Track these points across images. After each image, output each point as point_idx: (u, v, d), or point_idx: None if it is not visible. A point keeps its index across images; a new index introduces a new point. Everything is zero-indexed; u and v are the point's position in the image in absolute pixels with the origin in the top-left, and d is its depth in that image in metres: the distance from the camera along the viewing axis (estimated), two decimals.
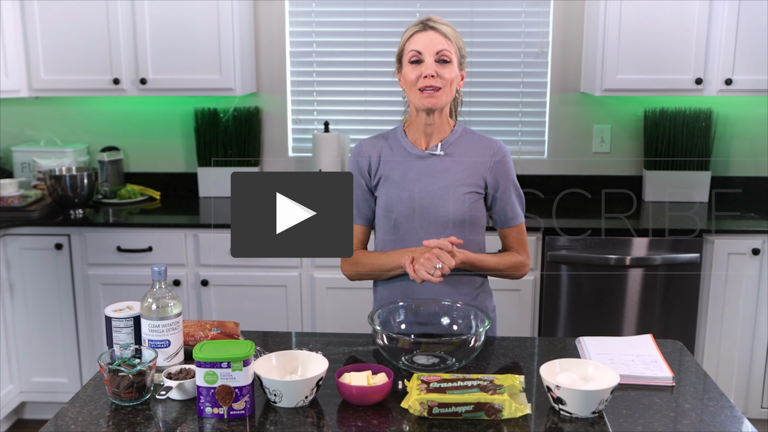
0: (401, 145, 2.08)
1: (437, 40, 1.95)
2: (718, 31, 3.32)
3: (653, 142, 3.67)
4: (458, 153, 2.06)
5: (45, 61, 3.48)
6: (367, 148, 2.11)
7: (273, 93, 3.83)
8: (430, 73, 1.94)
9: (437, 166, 2.05)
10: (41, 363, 3.44)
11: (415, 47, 1.96)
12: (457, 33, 2.01)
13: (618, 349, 1.91)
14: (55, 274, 3.35)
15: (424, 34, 1.96)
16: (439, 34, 1.95)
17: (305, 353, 1.74)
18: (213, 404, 1.56)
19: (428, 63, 1.95)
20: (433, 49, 1.95)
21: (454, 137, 2.07)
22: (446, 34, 1.96)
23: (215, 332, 1.89)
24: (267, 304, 3.33)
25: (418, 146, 2.07)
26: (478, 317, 1.91)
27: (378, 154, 2.09)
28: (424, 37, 1.96)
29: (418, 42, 1.96)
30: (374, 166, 2.09)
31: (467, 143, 2.07)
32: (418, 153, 2.06)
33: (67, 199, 3.44)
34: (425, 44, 1.95)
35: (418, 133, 2.07)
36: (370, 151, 2.10)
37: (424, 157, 2.06)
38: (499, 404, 1.54)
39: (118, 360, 1.67)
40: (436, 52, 1.95)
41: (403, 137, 2.09)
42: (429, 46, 1.95)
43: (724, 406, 1.66)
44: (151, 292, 1.72)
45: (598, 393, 1.55)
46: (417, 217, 2.03)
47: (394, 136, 2.11)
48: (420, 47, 1.95)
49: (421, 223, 2.03)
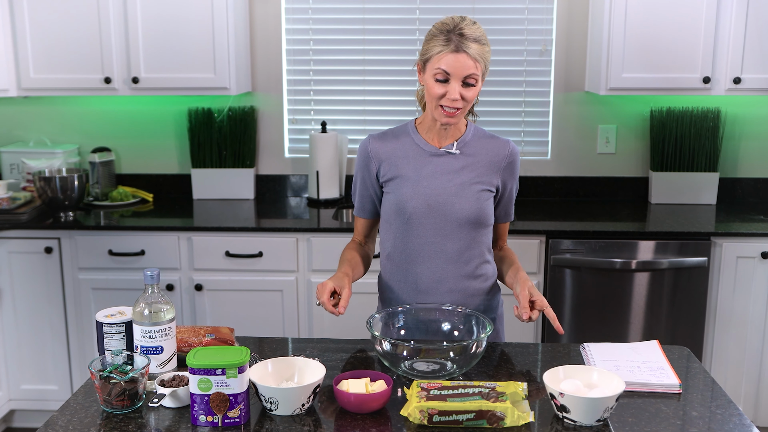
0: (414, 142, 2.10)
1: (467, 64, 1.93)
2: (726, 28, 3.33)
3: (660, 143, 3.68)
4: (473, 152, 2.10)
5: (34, 59, 3.48)
6: (376, 144, 2.13)
7: (269, 92, 3.83)
8: (455, 97, 1.95)
9: (453, 164, 2.08)
10: (31, 370, 3.44)
11: (443, 67, 1.94)
12: (486, 46, 1.98)
13: (623, 356, 1.91)
14: (45, 279, 3.35)
15: (454, 57, 1.93)
16: (470, 58, 1.93)
17: (302, 360, 1.74)
18: (207, 412, 1.56)
19: (455, 87, 1.95)
20: (462, 74, 1.94)
21: (468, 136, 2.11)
22: (477, 56, 1.94)
23: (209, 338, 1.90)
24: (262, 309, 3.33)
25: (432, 144, 2.09)
26: (480, 323, 1.92)
27: (387, 150, 2.11)
28: (454, 61, 1.93)
29: (447, 63, 1.94)
30: (384, 163, 2.11)
31: (481, 142, 2.11)
32: (433, 150, 2.08)
33: (57, 201, 3.44)
34: (454, 68, 1.93)
35: (431, 132, 2.10)
36: (378, 149, 2.12)
37: (440, 155, 2.08)
38: (502, 412, 1.54)
39: (109, 367, 1.67)
40: (464, 76, 1.94)
41: (415, 134, 2.11)
42: (458, 70, 1.94)
43: (733, 414, 1.66)
44: (143, 297, 1.73)
45: (603, 400, 1.55)
46: (432, 215, 2.06)
47: (406, 133, 2.13)
48: (449, 69, 1.94)
49: (436, 220, 2.06)
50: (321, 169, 3.67)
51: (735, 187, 3.78)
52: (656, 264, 3.19)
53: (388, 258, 2.15)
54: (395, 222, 2.10)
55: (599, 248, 3.20)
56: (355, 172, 2.18)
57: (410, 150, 2.10)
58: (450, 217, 2.06)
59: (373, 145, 2.13)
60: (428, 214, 2.06)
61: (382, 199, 2.14)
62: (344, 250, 2.20)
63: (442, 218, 2.06)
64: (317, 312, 3.31)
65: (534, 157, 3.83)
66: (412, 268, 2.10)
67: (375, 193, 2.15)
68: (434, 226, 2.07)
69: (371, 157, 2.12)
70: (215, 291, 3.32)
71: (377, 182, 2.14)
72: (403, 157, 2.10)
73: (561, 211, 3.59)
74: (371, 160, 2.12)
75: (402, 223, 2.09)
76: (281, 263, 3.28)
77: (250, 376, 1.62)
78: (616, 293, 3.22)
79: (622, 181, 3.82)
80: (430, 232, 2.07)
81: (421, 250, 2.08)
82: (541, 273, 3.25)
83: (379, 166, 2.12)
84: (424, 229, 2.07)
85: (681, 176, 3.67)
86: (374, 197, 2.16)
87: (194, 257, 3.30)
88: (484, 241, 2.12)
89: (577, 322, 3.26)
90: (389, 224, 2.12)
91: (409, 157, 2.09)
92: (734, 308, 3.24)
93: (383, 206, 2.14)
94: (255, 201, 3.80)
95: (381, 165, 2.11)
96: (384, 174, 2.11)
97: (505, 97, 3.78)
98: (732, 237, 3.19)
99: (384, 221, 2.15)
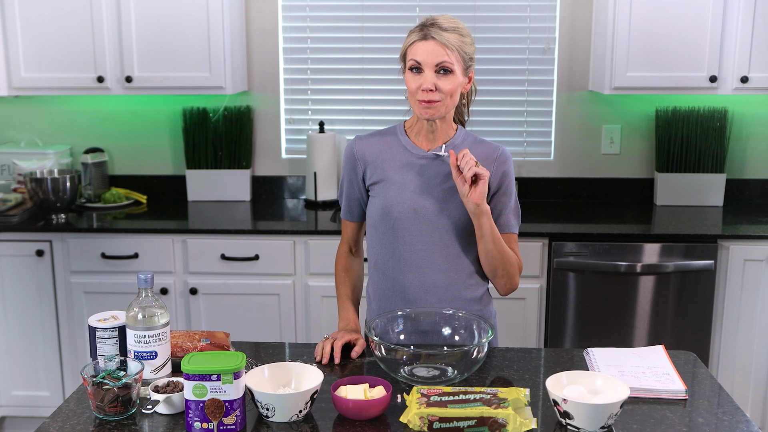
0: (401, 144, 2.09)
1: (437, 51, 1.93)
2: (733, 25, 3.33)
3: (665, 143, 3.68)
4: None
5: (25, 57, 3.48)
6: (362, 145, 2.12)
7: (265, 91, 3.83)
8: (428, 87, 1.93)
9: (441, 169, 2.06)
10: (22, 376, 3.44)
11: (415, 57, 1.95)
12: (464, 36, 1.97)
13: (628, 361, 1.91)
14: (36, 282, 3.35)
15: (423, 44, 1.94)
16: (439, 44, 1.93)
17: (299, 365, 1.74)
18: (202, 419, 1.56)
19: (427, 75, 1.94)
20: (432, 61, 1.93)
21: (457, 140, 2.08)
22: (447, 43, 1.93)
23: (204, 343, 1.90)
24: (259, 313, 3.34)
25: (420, 147, 2.08)
26: (481, 327, 1.92)
27: (374, 152, 2.10)
28: (423, 48, 1.94)
29: (417, 51, 1.94)
30: (370, 166, 2.10)
31: (471, 147, 2.08)
32: (420, 153, 2.07)
33: (48, 203, 3.44)
34: (424, 55, 1.94)
35: (420, 135, 2.08)
36: (365, 150, 2.11)
37: (427, 158, 2.07)
38: (504, 419, 1.54)
39: (102, 372, 1.67)
40: (435, 63, 1.93)
41: (403, 136, 2.10)
42: (428, 57, 1.93)
43: (740, 421, 1.66)
44: (137, 301, 1.73)
45: (607, 407, 1.55)
46: (418, 220, 2.04)
47: (394, 135, 2.12)
48: (419, 57, 1.94)
49: (423, 226, 2.04)
50: (319, 170, 3.67)
51: (742, 188, 3.79)
52: (662, 267, 3.19)
53: (375, 267, 2.14)
54: (381, 228, 2.08)
55: (603, 251, 3.20)
56: (342, 174, 2.17)
57: (397, 153, 2.09)
58: (438, 223, 2.04)
59: (359, 147, 2.12)
60: (415, 220, 2.04)
61: (368, 203, 2.13)
62: (338, 275, 2.21)
63: (430, 225, 2.04)
64: (315, 316, 3.32)
65: (536, 157, 3.83)
66: (399, 277, 2.08)
67: (362, 195, 2.14)
68: (421, 232, 2.05)
69: (357, 158, 2.11)
70: (210, 295, 3.33)
71: (363, 185, 2.13)
72: (390, 160, 2.08)
73: (564, 213, 3.59)
74: (357, 162, 2.11)
75: (388, 228, 2.07)
76: (278, 266, 3.28)
77: (246, 382, 1.62)
78: (620, 297, 3.23)
79: (627, 183, 3.82)
80: (417, 239, 2.05)
81: (409, 258, 2.06)
82: (543, 276, 3.26)
83: (365, 169, 2.11)
84: (411, 235, 2.05)
85: (687, 177, 3.67)
86: (361, 200, 2.15)
87: (189, 260, 3.30)
88: (474, 249, 2.08)
89: (580, 326, 3.26)
90: (375, 230, 2.11)
91: (395, 159, 2.08)
92: (741, 312, 3.24)
93: (369, 211, 2.13)
94: (251, 203, 3.80)
95: (367, 167, 2.10)
96: (370, 177, 2.10)
97: (506, 97, 3.78)
98: (739, 240, 3.20)
99: (370, 227, 2.13)
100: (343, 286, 2.20)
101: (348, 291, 2.19)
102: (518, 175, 3.78)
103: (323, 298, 3.29)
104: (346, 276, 2.20)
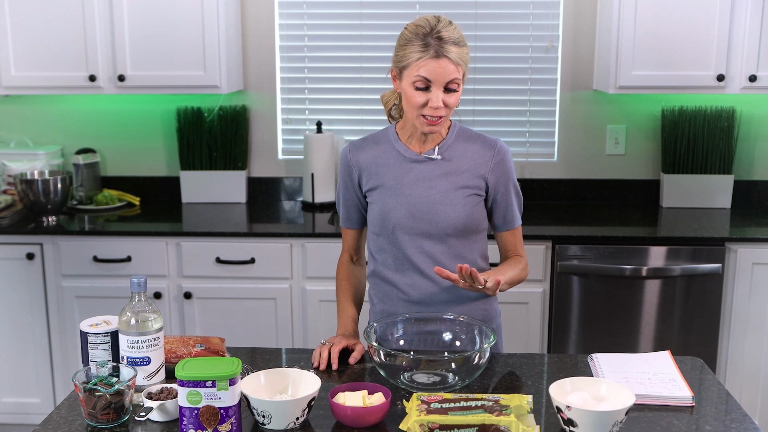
0: (394, 149, 2.10)
1: (449, 69, 1.92)
2: (741, 23, 3.34)
3: (671, 144, 3.69)
4: (456, 155, 2.07)
5: (15, 56, 3.48)
6: (355, 152, 2.13)
7: (261, 91, 3.83)
8: (437, 105, 1.93)
9: (435, 170, 2.06)
10: (12, 382, 3.44)
11: (424, 74, 1.92)
12: (466, 45, 1.96)
13: (633, 367, 1.91)
14: (27, 286, 3.35)
15: (435, 63, 1.91)
16: (451, 62, 1.91)
17: (296, 371, 1.74)
18: (197, 426, 1.56)
19: (436, 94, 1.93)
20: (444, 80, 1.92)
21: (450, 139, 2.09)
22: (458, 60, 1.92)
23: (199, 349, 1.90)
24: (255, 318, 3.34)
25: (412, 149, 2.08)
26: (483, 332, 1.92)
27: (368, 158, 2.11)
28: (435, 67, 1.91)
29: (428, 70, 1.92)
30: (365, 172, 2.11)
31: (465, 144, 2.08)
32: (413, 156, 2.08)
33: (39, 205, 3.44)
34: (436, 75, 1.92)
35: (413, 138, 2.09)
36: (359, 157, 2.12)
37: (421, 161, 2.07)
38: (506, 426, 1.54)
39: (94, 378, 1.67)
40: (446, 82, 1.93)
41: (396, 140, 2.11)
42: (440, 76, 1.92)
43: (748, 428, 1.66)
44: (129, 306, 1.73)
45: (612, 414, 1.56)
46: (417, 224, 2.05)
47: (386, 139, 2.12)
48: (430, 76, 1.92)
49: (422, 229, 2.05)
50: (316, 171, 3.67)
51: (750, 190, 3.79)
52: (668, 271, 3.19)
53: (376, 272, 2.16)
54: (381, 233, 2.10)
55: (608, 254, 3.20)
56: (338, 182, 2.18)
57: (390, 157, 2.09)
58: (436, 225, 2.05)
59: (353, 154, 2.13)
60: (413, 224, 2.05)
61: (368, 210, 2.14)
62: (339, 284, 2.22)
63: (428, 227, 2.05)
64: (312, 321, 3.32)
65: (540, 158, 3.83)
66: (401, 280, 2.10)
67: (360, 201, 2.16)
68: (421, 236, 2.06)
69: (351, 165, 2.13)
70: (205, 299, 3.33)
71: (360, 191, 2.14)
72: (384, 165, 2.09)
73: (568, 215, 3.59)
74: (352, 169, 2.13)
75: (387, 234, 2.08)
76: (274, 270, 3.28)
77: (241, 389, 1.62)
78: (625, 301, 3.23)
79: (632, 184, 3.82)
80: (417, 242, 2.06)
81: (410, 261, 2.08)
82: (547, 280, 3.26)
83: (360, 175, 2.12)
84: (410, 239, 2.06)
85: (694, 179, 3.68)
86: (359, 206, 2.17)
87: (183, 264, 3.30)
88: (477, 248, 2.11)
89: (584, 331, 3.26)
90: (375, 236, 2.12)
91: (389, 164, 2.09)
92: (750, 317, 3.24)
93: (369, 218, 2.14)
94: (247, 205, 3.80)
95: (362, 174, 2.12)
96: (366, 183, 2.11)
97: (509, 96, 3.79)
98: (747, 242, 3.20)
99: (371, 233, 2.15)
100: (343, 294, 2.20)
101: (348, 297, 2.19)
102: (520, 176, 3.79)
103: (321, 303, 3.29)
104: (347, 284, 2.21)
